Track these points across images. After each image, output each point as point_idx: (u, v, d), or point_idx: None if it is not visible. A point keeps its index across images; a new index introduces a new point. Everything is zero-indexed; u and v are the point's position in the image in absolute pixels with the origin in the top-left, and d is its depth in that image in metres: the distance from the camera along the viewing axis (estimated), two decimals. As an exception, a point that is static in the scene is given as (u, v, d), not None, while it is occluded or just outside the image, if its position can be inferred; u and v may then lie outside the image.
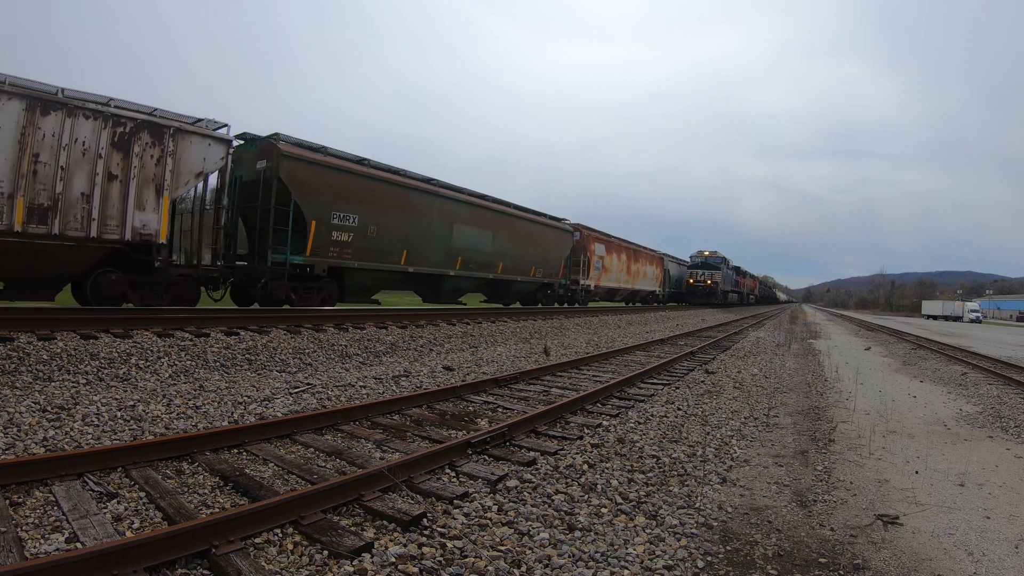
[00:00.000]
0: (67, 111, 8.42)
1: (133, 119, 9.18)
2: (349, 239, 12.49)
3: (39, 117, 8.17)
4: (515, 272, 19.31)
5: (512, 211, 19.03)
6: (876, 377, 10.80)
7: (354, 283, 13.38)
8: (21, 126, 8.01)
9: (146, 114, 9.48)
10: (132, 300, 9.66)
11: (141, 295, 9.75)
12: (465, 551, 2.80)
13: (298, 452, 4.22)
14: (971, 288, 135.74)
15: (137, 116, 9.25)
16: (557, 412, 5.57)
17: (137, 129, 9.21)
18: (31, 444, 3.87)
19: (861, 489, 4.20)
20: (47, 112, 8.24)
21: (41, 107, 8.18)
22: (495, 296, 20.62)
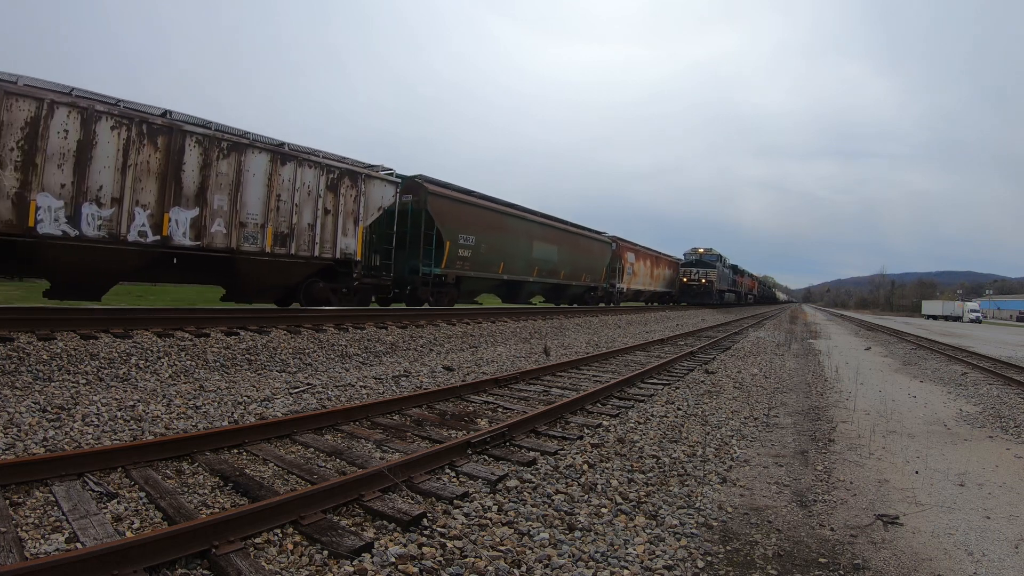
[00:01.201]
0: (297, 162, 11.26)
1: (339, 168, 12.22)
2: (469, 255, 16.46)
3: (279, 166, 10.96)
4: (571, 278, 23.82)
5: (570, 228, 23.54)
6: (876, 377, 10.80)
7: (467, 288, 17.56)
8: (268, 173, 10.77)
9: (348, 164, 12.56)
10: (332, 302, 12.71)
11: (339, 299, 12.87)
12: (465, 551, 2.80)
13: (298, 452, 4.22)
14: (971, 288, 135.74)
15: (342, 166, 12.32)
16: (557, 412, 5.57)
17: (341, 175, 12.28)
18: (31, 444, 3.87)
19: (861, 489, 4.20)
20: (284, 163, 11.06)
21: (280, 159, 10.94)
22: (554, 297, 25.24)
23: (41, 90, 8.21)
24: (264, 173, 10.70)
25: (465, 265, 16.39)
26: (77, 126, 8.41)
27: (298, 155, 11.28)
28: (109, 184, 8.74)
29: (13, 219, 7.85)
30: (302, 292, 12.16)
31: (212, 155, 9.92)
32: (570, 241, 23.31)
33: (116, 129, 8.81)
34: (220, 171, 10.07)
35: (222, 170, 10.10)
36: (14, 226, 7.86)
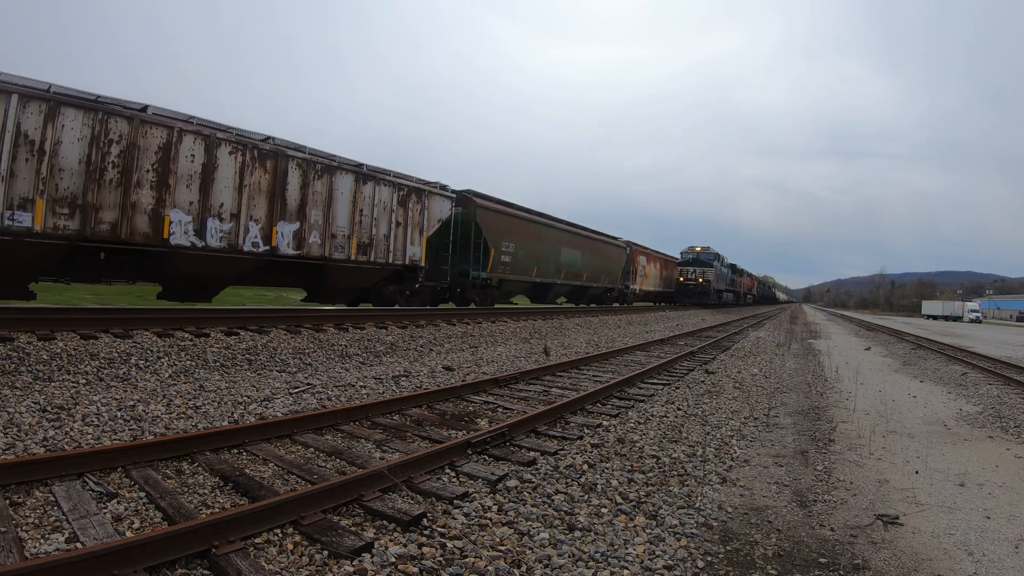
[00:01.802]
0: (375, 181, 12.99)
1: (408, 186, 14.04)
2: (509, 260, 18.54)
3: (361, 185, 12.58)
4: (592, 280, 26.23)
5: (591, 235, 25.96)
6: (876, 377, 10.80)
7: (506, 289, 19.75)
8: (353, 191, 12.39)
9: (414, 183, 14.29)
10: (399, 303, 14.54)
11: (405, 300, 14.76)
12: (465, 551, 2.80)
13: (298, 452, 4.22)
14: (971, 288, 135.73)
15: (410, 184, 14.10)
16: (557, 412, 5.57)
17: (409, 192, 14.11)
18: (31, 444, 3.87)
19: (861, 489, 4.20)
20: (365, 182, 12.70)
21: (362, 179, 12.59)
22: (576, 298, 27.26)
23: (170, 119, 9.41)
24: (350, 191, 12.38)
25: (506, 269, 18.52)
26: (202, 151, 9.74)
27: (375, 175, 13.08)
28: (228, 201, 10.16)
29: (150, 232, 9.13)
30: (374, 293, 14.19)
31: (309, 176, 11.51)
32: (591, 247, 25.64)
33: (233, 154, 10.21)
34: (316, 190, 11.68)
35: (317, 189, 11.72)
36: (151, 238, 9.13)
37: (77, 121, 8.41)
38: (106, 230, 8.71)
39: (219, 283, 11.12)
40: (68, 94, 8.50)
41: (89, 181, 8.50)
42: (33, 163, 8.03)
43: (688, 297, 38.95)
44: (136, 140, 8.90)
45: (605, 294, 29.10)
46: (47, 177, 8.13)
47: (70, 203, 8.37)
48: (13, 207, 7.90)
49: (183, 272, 10.15)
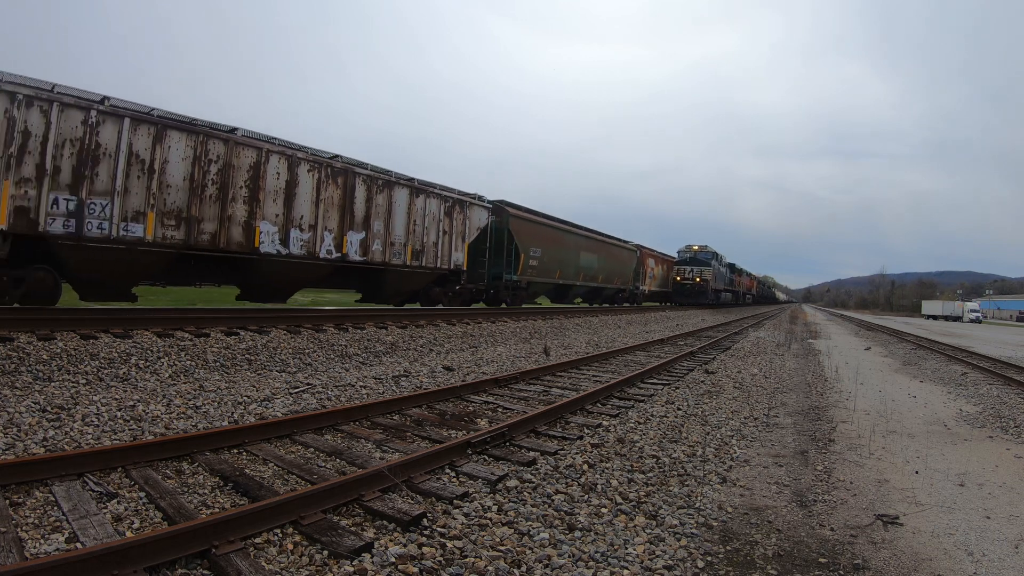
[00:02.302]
0: (426, 194, 14.75)
1: (452, 198, 15.79)
2: (536, 264, 20.47)
3: (415, 198, 14.36)
4: (607, 281, 28.31)
5: (606, 239, 28.25)
6: (876, 377, 10.80)
7: (533, 290, 21.92)
8: (408, 204, 14.10)
9: (456, 195, 16.02)
10: (443, 303, 16.22)
11: (449, 300, 16.44)
12: (465, 551, 2.80)
13: (298, 452, 4.22)
14: (971, 288, 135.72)
15: (454, 196, 15.87)
16: (557, 412, 5.57)
17: (454, 203, 15.88)
18: (31, 444, 3.87)
19: (861, 489, 4.20)
20: (418, 195, 14.49)
21: (415, 192, 14.39)
22: (592, 299, 29.07)
23: (258, 141, 10.72)
24: (405, 204, 14.07)
25: (533, 272, 20.44)
26: (285, 169, 11.09)
27: (426, 188, 14.81)
28: (307, 214, 11.56)
29: (243, 241, 10.47)
30: (422, 295, 15.91)
31: (372, 190, 13.10)
32: (606, 250, 27.90)
33: (311, 171, 11.57)
34: (377, 203, 13.28)
35: (379, 202, 13.33)
36: (244, 247, 10.48)
37: (181, 143, 9.58)
38: (207, 240, 9.96)
39: (297, 286, 12.61)
40: (172, 118, 9.63)
41: (192, 196, 9.71)
42: (144, 180, 9.20)
43: (685, 297, 38.23)
44: (231, 160, 10.19)
45: (618, 294, 31.21)
46: (156, 192, 9.33)
47: (176, 216, 9.59)
48: (127, 219, 9.05)
49: (268, 276, 11.47)
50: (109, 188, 8.86)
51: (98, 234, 8.80)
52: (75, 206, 8.58)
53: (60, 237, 8.50)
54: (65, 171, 8.51)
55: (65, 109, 8.49)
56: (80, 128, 8.57)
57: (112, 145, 8.86)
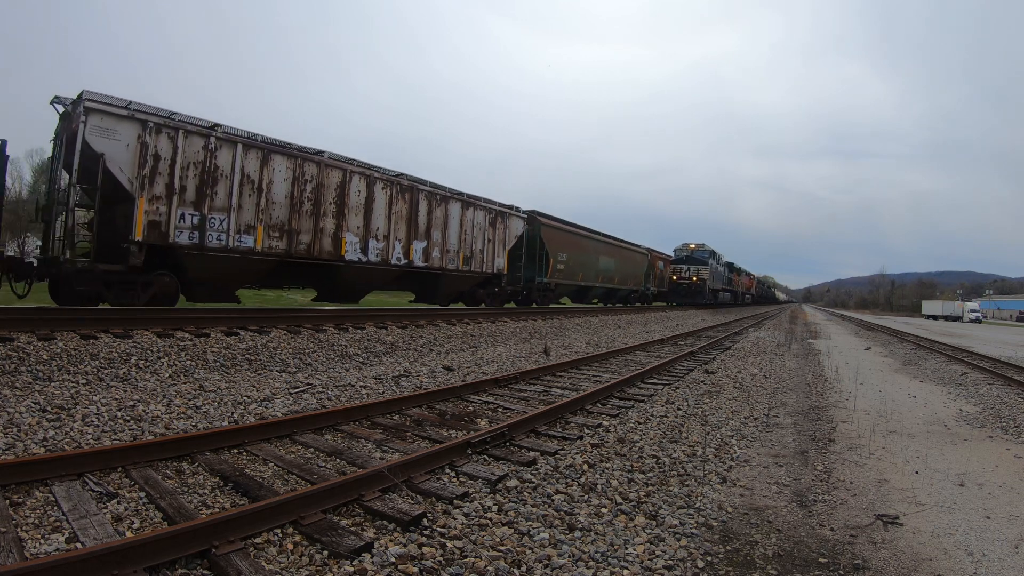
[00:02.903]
0: (474, 207, 16.82)
1: (495, 210, 17.94)
2: (563, 268, 22.79)
3: (465, 211, 16.37)
4: (622, 283, 30.75)
5: (621, 244, 30.74)
6: (876, 377, 10.80)
7: (559, 292, 24.35)
8: (460, 216, 16.14)
9: (498, 207, 18.11)
10: (486, 303, 18.29)
11: (490, 301, 18.49)
12: (465, 551, 2.80)
13: (298, 452, 4.22)
14: (971, 288, 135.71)
15: (496, 208, 17.99)
16: (557, 412, 5.57)
17: (496, 215, 18.01)
18: (31, 444, 3.87)
19: (861, 489, 4.20)
20: (468, 208, 16.54)
21: (465, 205, 16.37)
22: (608, 299, 31.29)
23: (343, 163, 12.47)
24: (458, 216, 16.11)
25: (560, 275, 22.70)
26: (364, 187, 12.89)
27: (474, 202, 16.88)
28: (382, 226, 13.42)
29: (332, 250, 12.13)
30: (468, 296, 18.03)
31: (432, 204, 15.09)
32: (621, 254, 30.24)
33: (384, 189, 13.47)
34: (436, 215, 15.24)
35: (437, 215, 15.27)
36: (333, 255, 12.15)
37: (283, 165, 11.11)
38: (304, 249, 11.54)
39: (370, 288, 14.63)
40: (274, 143, 11.22)
41: (292, 211, 11.30)
42: (254, 198, 10.67)
43: (681, 297, 37.11)
44: (322, 179, 11.80)
45: (630, 295, 33.63)
46: (264, 208, 10.82)
47: (279, 228, 11.17)
48: (240, 232, 10.50)
49: (350, 281, 13.19)
50: (226, 205, 10.30)
51: (217, 245, 10.17)
52: (198, 220, 9.93)
53: (186, 247, 9.81)
54: (190, 190, 9.84)
55: (189, 135, 9.78)
56: (201, 152, 9.94)
57: (228, 167, 10.29)
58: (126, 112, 9.16)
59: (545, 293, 22.25)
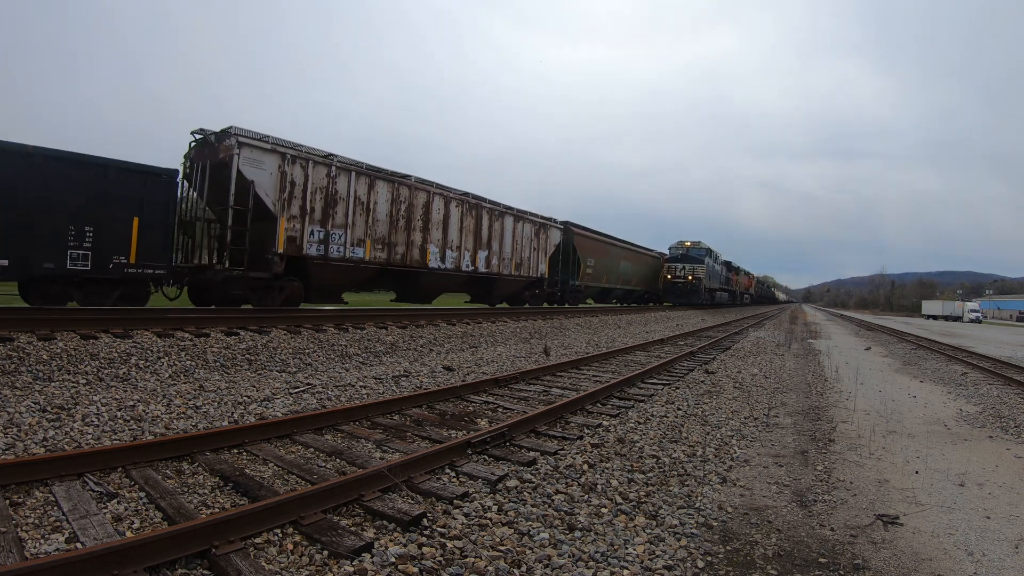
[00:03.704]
0: (523, 221, 19.52)
1: (539, 222, 20.83)
2: (591, 272, 25.94)
3: (516, 223, 19.11)
4: (638, 285, 33.79)
5: (638, 249, 33.68)
6: (876, 377, 10.80)
7: (587, 293, 27.23)
8: (512, 228, 18.89)
9: (541, 219, 20.99)
10: (530, 303, 21.15)
11: (533, 301, 21.32)
12: (465, 551, 2.79)
13: (298, 452, 4.22)
14: (971, 288, 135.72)
15: (539, 220, 20.87)
16: (557, 412, 5.57)
17: (540, 227, 20.92)
18: (31, 444, 3.87)
19: (861, 489, 4.20)
20: (518, 221, 19.23)
21: (516, 219, 19.03)
22: (626, 300, 34.11)
23: (426, 185, 14.90)
24: (511, 228, 18.92)
25: (588, 279, 25.72)
26: (442, 205, 15.47)
27: (523, 216, 19.75)
28: (456, 238, 16.01)
29: (420, 259, 14.70)
30: (515, 297, 20.87)
31: (492, 219, 17.78)
32: (638, 258, 33.29)
33: (458, 207, 16.10)
34: (495, 228, 17.95)
35: (496, 228, 18.00)
36: (420, 264, 14.68)
37: (384, 188, 13.53)
38: (399, 258, 14.01)
39: (441, 291, 17.08)
40: (378, 170, 13.46)
41: (391, 227, 13.73)
42: (363, 216, 12.96)
43: (676, 297, 35.43)
44: (411, 200, 14.30)
45: (645, 295, 36.48)
46: (370, 225, 13.15)
47: (382, 242, 13.53)
48: (353, 244, 12.72)
49: (430, 285, 15.86)
50: (343, 222, 12.49)
51: (337, 255, 12.33)
52: (323, 235, 12.00)
53: (314, 258, 11.89)
54: (317, 210, 11.92)
55: (316, 165, 11.80)
56: (324, 179, 12.05)
57: (344, 191, 12.46)
58: (269, 146, 10.97)
59: (576, 294, 25.08)
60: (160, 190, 9.96)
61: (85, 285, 9.34)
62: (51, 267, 8.75)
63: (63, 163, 8.83)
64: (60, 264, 8.83)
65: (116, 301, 9.69)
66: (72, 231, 8.90)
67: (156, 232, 9.90)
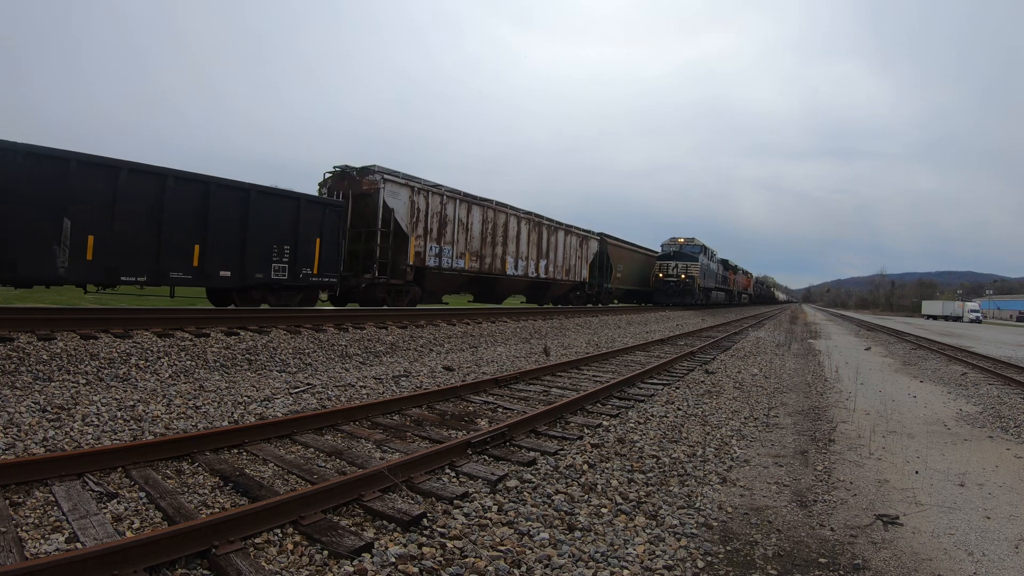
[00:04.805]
0: (571, 234, 23.67)
1: (582, 234, 24.74)
2: (620, 276, 30.36)
3: (565, 236, 23.16)
4: None
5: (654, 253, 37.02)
6: (876, 377, 10.80)
7: (615, 294, 31.01)
8: (563, 240, 23.01)
9: (582, 231, 24.79)
10: (574, 303, 25.13)
11: (575, 302, 25.26)
12: (465, 551, 2.80)
13: (298, 452, 4.22)
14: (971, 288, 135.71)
15: (581, 233, 24.72)
16: (557, 412, 5.57)
17: (583, 238, 24.93)
18: (31, 444, 3.87)
19: (861, 489, 4.20)
20: (567, 234, 23.32)
21: (565, 232, 23.12)
22: (645, 300, 36.62)
23: (505, 208, 18.55)
24: (562, 240, 23.03)
25: (618, 282, 29.96)
26: (516, 224, 19.28)
27: (571, 230, 23.76)
28: (524, 250, 19.82)
29: (501, 268, 18.42)
30: (561, 298, 24.88)
31: (548, 233, 21.70)
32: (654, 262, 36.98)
33: (525, 224, 19.89)
34: (551, 241, 21.87)
35: (551, 240, 21.94)
36: (500, 272, 18.42)
37: (477, 212, 17.22)
38: (487, 268, 17.70)
39: (511, 294, 21.65)
40: (473, 197, 17.06)
41: (482, 243, 17.38)
42: (463, 235, 16.60)
43: (668, 297, 33.10)
44: (495, 220, 18.05)
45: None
46: (468, 241, 16.77)
47: (476, 255, 17.17)
48: (456, 257, 16.26)
49: (504, 288, 20.23)
50: (451, 240, 16.04)
51: (447, 266, 15.97)
52: (438, 250, 15.59)
53: (432, 268, 15.49)
54: (434, 231, 15.43)
55: (432, 195, 15.30)
56: (438, 205, 15.60)
57: (451, 214, 16.08)
58: (403, 180, 14.37)
59: (608, 295, 29.17)
60: (334, 217, 12.61)
61: (278, 290, 11.85)
62: (260, 277, 11.20)
63: (272, 196, 11.37)
64: (266, 274, 11.31)
65: (299, 303, 12.43)
66: (275, 249, 11.41)
67: (331, 249, 12.49)
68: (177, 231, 9.70)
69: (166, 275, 9.60)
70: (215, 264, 10.28)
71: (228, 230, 10.47)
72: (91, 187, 8.63)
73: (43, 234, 8.16)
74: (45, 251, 8.17)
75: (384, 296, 14.32)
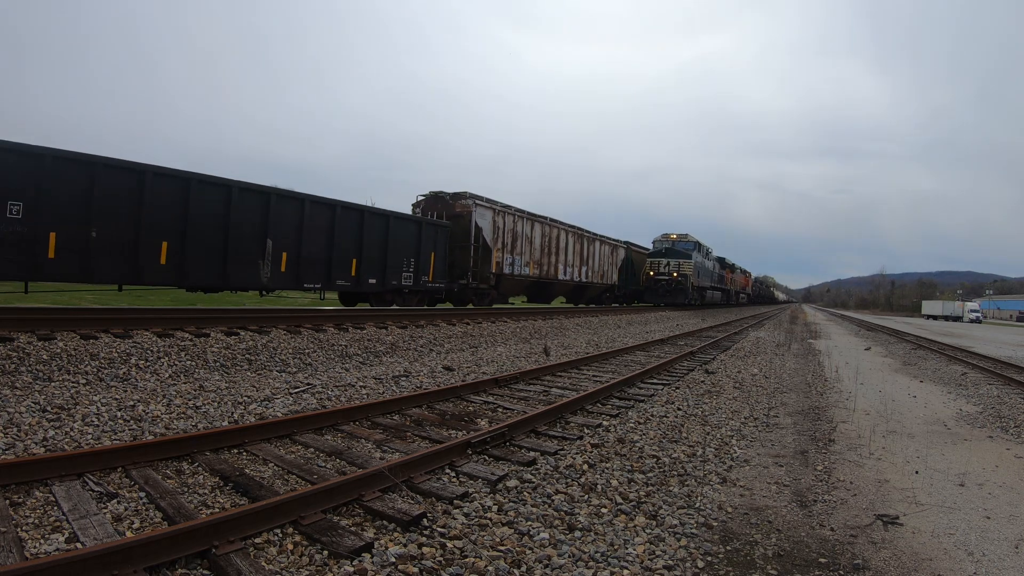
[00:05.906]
0: (605, 243, 28.18)
1: (612, 243, 29.24)
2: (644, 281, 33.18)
3: (600, 246, 27.49)
4: None
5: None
6: (876, 377, 10.80)
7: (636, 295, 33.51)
8: (598, 248, 27.42)
9: (612, 241, 29.13)
10: (606, 304, 29.33)
11: (607, 302, 29.85)
12: (465, 551, 2.79)
13: (298, 452, 4.22)
14: (971, 288, 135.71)
15: (612, 242, 29.23)
16: (557, 412, 5.57)
17: (614, 247, 29.46)
18: (31, 444, 3.87)
19: (861, 489, 4.20)
20: (602, 244, 27.65)
21: (600, 243, 27.44)
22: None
23: (556, 224, 22.16)
24: (599, 249, 26.83)
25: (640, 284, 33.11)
26: (566, 236, 23.11)
27: (605, 240, 27.42)
28: (570, 258, 23.61)
29: (553, 274, 22.14)
30: (595, 299, 28.60)
31: (587, 243, 25.34)
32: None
33: (570, 236, 23.55)
34: (590, 250, 25.70)
35: (590, 250, 25.70)
36: (553, 277, 22.11)
37: (537, 227, 20.63)
38: (545, 273, 21.25)
39: (558, 295, 25.67)
40: (534, 215, 20.48)
41: (541, 252, 20.93)
42: (528, 246, 20.10)
43: (659, 296, 31.02)
44: (550, 234, 21.59)
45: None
46: (531, 251, 20.23)
47: (537, 263, 20.69)
48: (523, 265, 19.65)
49: (555, 290, 24.25)
50: (520, 251, 19.51)
51: (517, 273, 19.37)
52: (511, 260, 18.91)
53: (506, 275, 18.77)
54: (508, 244, 18.79)
55: (507, 215, 18.59)
56: (512, 223, 18.94)
57: (520, 230, 19.47)
58: (487, 204, 17.77)
59: (633, 296, 32.48)
60: (443, 235, 16.04)
61: (406, 294, 15.06)
62: (395, 283, 14.34)
63: (403, 220, 14.58)
64: (399, 281, 14.47)
65: (416, 303, 15.45)
66: (405, 261, 14.55)
67: (441, 261, 15.90)
68: (343, 249, 12.55)
69: (334, 283, 12.48)
70: (366, 274, 13.31)
71: (375, 247, 13.52)
72: (285, 215, 11.24)
73: (252, 252, 10.70)
74: (253, 264, 10.77)
75: (472, 298, 17.95)
